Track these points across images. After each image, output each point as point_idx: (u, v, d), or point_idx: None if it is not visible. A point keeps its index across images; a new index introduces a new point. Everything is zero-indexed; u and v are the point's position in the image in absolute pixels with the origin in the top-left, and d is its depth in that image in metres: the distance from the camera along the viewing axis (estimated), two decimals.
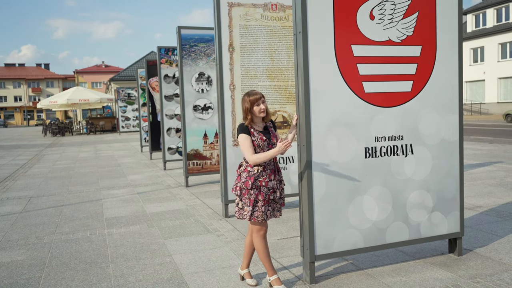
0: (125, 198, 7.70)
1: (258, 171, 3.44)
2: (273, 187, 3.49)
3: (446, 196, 4.13)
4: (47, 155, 16.64)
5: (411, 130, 3.95)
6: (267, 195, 3.46)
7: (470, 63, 37.10)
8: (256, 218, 3.44)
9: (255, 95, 3.44)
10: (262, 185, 3.43)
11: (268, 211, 3.48)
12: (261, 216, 3.44)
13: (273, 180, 3.49)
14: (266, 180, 3.45)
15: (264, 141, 3.46)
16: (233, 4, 5.91)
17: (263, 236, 3.54)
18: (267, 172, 3.47)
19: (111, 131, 33.50)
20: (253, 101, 3.43)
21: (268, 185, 3.45)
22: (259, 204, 3.43)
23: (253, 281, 3.69)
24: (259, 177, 3.43)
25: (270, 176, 3.48)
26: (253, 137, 3.45)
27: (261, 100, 3.45)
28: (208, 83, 8.62)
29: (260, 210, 3.43)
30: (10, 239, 5.37)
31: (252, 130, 3.47)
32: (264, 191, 3.44)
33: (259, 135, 3.46)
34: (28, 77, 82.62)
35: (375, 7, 3.72)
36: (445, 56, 4.05)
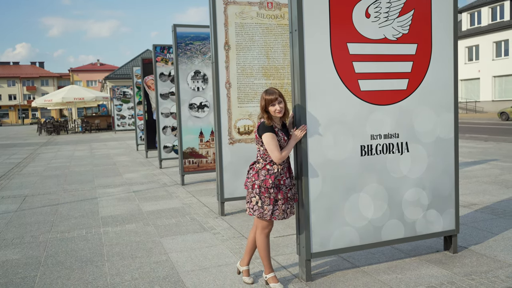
0: (120, 196, 7.68)
1: (278, 169, 3.43)
2: (290, 184, 3.52)
3: (442, 194, 4.15)
4: (42, 153, 16.57)
5: (406, 128, 3.96)
6: (285, 193, 3.47)
7: (465, 61, 37.24)
8: (277, 217, 3.45)
9: (271, 95, 3.38)
10: (281, 183, 3.44)
11: (287, 209, 3.51)
12: (281, 215, 3.46)
13: (288, 177, 3.52)
14: (284, 178, 3.47)
15: (286, 141, 3.47)
16: (229, 2, 5.90)
17: (267, 234, 3.56)
18: (284, 170, 3.48)
19: (106, 130, 33.41)
20: (269, 101, 3.38)
21: (286, 183, 3.48)
22: (279, 203, 3.44)
23: (250, 279, 3.71)
24: (278, 175, 3.43)
25: (286, 174, 3.51)
26: (277, 137, 3.42)
27: (277, 100, 3.38)
28: (204, 81, 8.60)
29: (281, 209, 3.45)
30: (5, 238, 5.35)
31: (276, 130, 3.43)
32: (283, 189, 3.46)
33: (282, 135, 3.45)
34: (23, 76, 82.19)
35: (370, 5, 3.72)
36: (440, 54, 4.06)
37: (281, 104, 3.40)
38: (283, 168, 3.47)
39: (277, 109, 3.38)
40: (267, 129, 3.38)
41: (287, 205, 3.49)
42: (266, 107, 3.40)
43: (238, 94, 5.98)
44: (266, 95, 3.40)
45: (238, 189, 6.02)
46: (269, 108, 3.39)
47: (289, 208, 3.53)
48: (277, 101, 3.38)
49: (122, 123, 27.80)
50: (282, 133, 3.47)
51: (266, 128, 3.39)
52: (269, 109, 3.39)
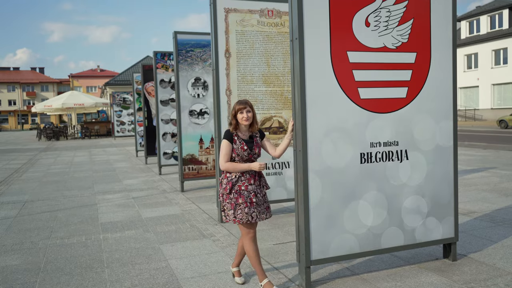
0: (120, 202, 7.69)
1: (236, 176, 3.58)
2: (254, 190, 3.59)
3: (441, 201, 4.17)
4: (42, 159, 16.57)
5: (406, 136, 3.98)
6: (248, 197, 3.55)
7: (464, 69, 37.38)
8: (240, 220, 3.55)
9: (241, 104, 3.60)
10: (241, 189, 3.56)
11: (253, 213, 3.57)
12: (245, 218, 3.54)
13: (253, 184, 3.60)
14: (245, 184, 3.57)
15: (245, 150, 3.59)
16: (230, 10, 5.95)
17: (252, 239, 3.63)
18: (246, 176, 3.59)
19: (106, 136, 33.42)
20: (238, 109, 3.59)
21: (248, 189, 3.57)
22: (242, 207, 3.54)
23: (241, 280, 3.83)
24: (238, 181, 3.57)
25: (250, 181, 3.59)
26: (234, 145, 3.58)
27: (245, 109, 3.58)
28: (204, 88, 8.64)
29: (244, 212, 3.54)
30: (5, 244, 5.35)
31: (235, 138, 3.60)
32: (244, 194, 3.55)
33: (241, 143, 3.59)
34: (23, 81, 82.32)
35: (370, 14, 3.76)
36: (440, 62, 4.10)
37: (249, 114, 3.60)
38: (244, 175, 3.58)
39: (244, 117, 3.58)
40: (225, 136, 3.61)
41: (252, 209, 3.56)
42: (236, 114, 3.60)
43: None
44: (237, 104, 3.62)
45: None
46: (238, 115, 3.59)
47: (256, 212, 3.58)
48: (245, 110, 3.59)
49: (122, 129, 27.82)
50: (244, 142, 3.60)
51: (225, 135, 3.62)
52: (238, 116, 3.59)
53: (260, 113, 6.11)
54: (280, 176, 6.22)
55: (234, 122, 3.62)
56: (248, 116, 3.59)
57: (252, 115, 3.62)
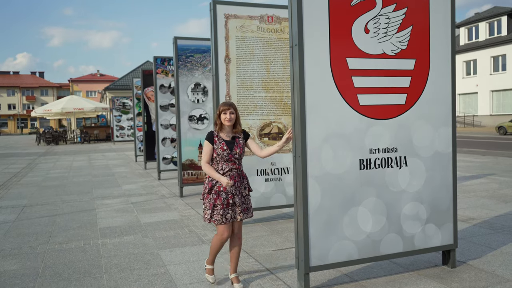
0: (119, 208, 7.67)
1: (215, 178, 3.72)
2: (232, 192, 3.73)
3: (440, 208, 4.17)
4: (41, 163, 16.55)
5: (405, 142, 3.99)
6: (225, 199, 3.70)
7: (463, 76, 37.48)
8: (216, 220, 3.70)
9: (225, 105, 3.78)
10: (220, 190, 3.71)
11: (227, 214, 3.71)
12: (220, 219, 3.69)
13: (233, 185, 3.73)
14: (224, 186, 3.67)
15: (224, 150, 3.74)
16: (230, 16, 5.97)
17: (223, 241, 3.80)
18: (227, 177, 3.70)
19: (105, 140, 33.40)
20: (222, 109, 3.77)
21: (227, 190, 3.71)
22: (218, 208, 3.70)
23: (240, 285, 3.84)
24: (218, 182, 3.72)
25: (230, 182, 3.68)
26: (215, 145, 3.75)
27: (229, 110, 3.75)
28: (204, 94, 8.65)
29: (219, 214, 3.69)
30: (3, 249, 5.33)
31: (216, 138, 3.77)
32: (222, 195, 3.70)
33: (221, 144, 3.75)
34: (23, 85, 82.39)
35: (370, 21, 3.78)
36: (439, 69, 4.11)
37: (232, 115, 3.77)
38: (225, 175, 3.73)
39: (227, 118, 3.74)
40: (206, 137, 3.81)
41: (227, 211, 3.70)
42: (220, 115, 3.78)
43: (238, 106, 6.00)
44: (222, 105, 3.81)
45: None
46: (221, 116, 3.77)
47: (231, 214, 3.72)
48: (229, 111, 3.76)
49: (121, 134, 27.82)
50: (224, 142, 3.76)
51: (207, 136, 3.82)
52: (221, 117, 3.77)
53: (259, 118, 6.12)
54: (279, 182, 6.22)
55: (219, 122, 3.79)
56: (231, 117, 3.75)
57: (235, 117, 3.78)
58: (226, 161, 3.75)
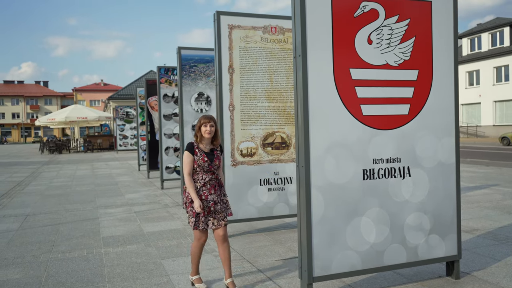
0: (122, 217, 7.68)
1: (198, 187, 3.92)
2: (214, 200, 3.93)
3: (443, 218, 4.16)
4: (44, 172, 16.60)
5: (408, 153, 3.99)
6: (207, 207, 3.90)
7: (466, 86, 37.50)
8: (198, 227, 3.91)
9: (206, 119, 3.95)
10: (202, 198, 3.89)
11: (209, 221, 3.93)
12: (202, 226, 3.91)
13: (213, 194, 3.94)
14: (206, 194, 3.91)
15: (205, 161, 3.92)
16: (234, 27, 6.02)
17: (202, 245, 4.03)
18: (207, 187, 3.93)
19: (108, 149, 33.48)
20: (202, 122, 3.94)
21: (208, 198, 3.90)
22: (200, 215, 3.89)
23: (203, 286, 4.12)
24: (199, 191, 3.91)
25: (210, 191, 3.93)
26: (196, 156, 3.92)
27: (209, 123, 3.92)
28: (207, 103, 8.69)
29: (201, 221, 3.90)
30: (6, 258, 5.34)
31: (196, 150, 3.94)
32: (204, 203, 3.88)
33: (202, 155, 3.92)
34: (27, 94, 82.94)
35: (372, 32, 3.81)
36: (442, 79, 4.13)
37: (212, 128, 3.93)
38: (205, 185, 3.92)
39: (207, 130, 3.91)
40: (187, 148, 3.96)
41: (208, 217, 3.92)
42: (200, 127, 3.93)
43: (242, 116, 6.04)
44: (203, 118, 3.97)
45: (240, 211, 6.02)
46: (201, 129, 3.92)
47: (211, 220, 3.93)
48: (209, 124, 3.93)
49: (124, 143, 27.88)
50: (204, 154, 3.94)
51: (187, 147, 3.96)
52: (201, 130, 3.93)
53: (262, 128, 6.14)
54: (282, 191, 6.22)
55: (200, 134, 3.95)
56: (211, 130, 3.92)
57: (214, 130, 3.96)
58: (206, 171, 3.94)
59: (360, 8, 3.74)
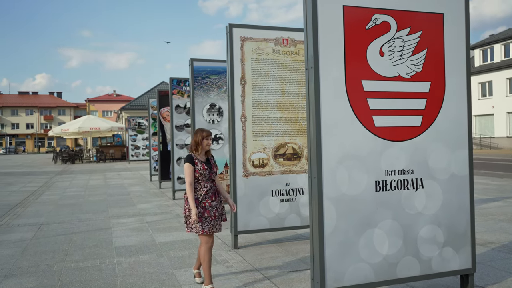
0: (134, 227, 7.72)
1: (201, 195, 4.27)
2: (216, 206, 4.33)
3: (457, 231, 4.12)
4: (57, 182, 16.78)
5: (421, 165, 3.98)
6: (212, 212, 4.27)
7: (478, 97, 37.20)
8: (208, 231, 4.22)
9: (207, 132, 4.37)
10: (206, 205, 4.26)
11: (217, 225, 4.31)
12: (211, 229, 4.25)
13: (214, 201, 4.34)
14: (209, 202, 4.29)
15: (206, 169, 4.30)
16: (246, 39, 6.09)
17: (210, 248, 4.29)
18: (209, 195, 4.31)
19: (120, 160, 33.73)
20: (205, 135, 4.32)
21: (211, 205, 4.29)
22: (208, 220, 4.23)
23: (200, 280, 4.57)
24: (203, 199, 4.27)
25: (212, 198, 4.32)
26: (196, 166, 4.27)
27: (210, 137, 4.36)
28: (219, 114, 8.75)
29: (210, 224, 4.24)
30: (21, 266, 5.40)
31: (196, 160, 4.30)
32: (209, 209, 4.26)
33: (201, 165, 4.30)
34: (41, 105, 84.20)
35: (384, 44, 3.83)
36: (454, 91, 4.13)
37: (210, 141, 4.38)
38: (207, 193, 4.29)
39: (208, 143, 4.35)
40: (187, 160, 4.28)
41: (216, 221, 4.30)
42: (202, 141, 4.31)
43: (253, 127, 6.08)
44: (204, 132, 4.35)
45: (251, 222, 6.03)
46: (203, 142, 4.31)
47: (218, 224, 4.34)
48: (210, 137, 4.36)
49: (136, 153, 28.07)
50: (203, 163, 4.32)
51: (187, 159, 4.29)
52: (203, 142, 4.31)
53: (274, 139, 6.16)
54: (294, 202, 6.22)
55: (200, 147, 4.32)
56: (210, 143, 4.38)
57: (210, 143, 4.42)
58: (207, 180, 4.32)
59: (372, 21, 3.77)
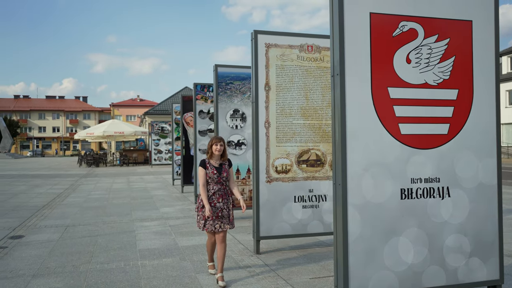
0: (157, 230, 7.82)
1: (209, 195, 4.76)
2: (221, 207, 4.76)
3: (485, 241, 4.04)
4: (82, 185, 17.11)
5: (447, 173, 3.93)
6: (215, 213, 4.72)
7: (506, 105, 36.36)
8: (208, 229, 4.75)
9: (217, 139, 4.82)
10: (211, 205, 4.71)
11: (216, 224, 4.73)
12: (210, 228, 4.73)
13: (220, 202, 4.77)
14: (215, 202, 4.75)
15: (215, 174, 4.76)
16: (271, 45, 6.13)
17: (213, 243, 4.91)
18: (216, 196, 4.77)
19: (143, 163, 34.18)
20: (213, 142, 4.80)
21: (216, 205, 4.74)
22: (209, 219, 4.72)
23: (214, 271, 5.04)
24: (210, 199, 4.75)
25: (219, 199, 4.77)
26: (207, 170, 4.78)
27: (219, 143, 4.78)
28: (242, 120, 8.81)
29: (209, 224, 4.73)
30: (48, 266, 5.53)
31: (208, 164, 4.80)
32: (213, 209, 4.70)
33: (212, 169, 4.78)
34: (67, 109, 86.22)
35: (411, 51, 3.81)
36: (482, 99, 4.07)
37: (221, 147, 4.79)
38: (215, 194, 4.75)
39: (217, 148, 4.78)
40: (200, 164, 4.84)
41: (216, 222, 4.73)
42: (212, 147, 4.79)
43: (277, 133, 6.10)
44: (214, 138, 4.83)
45: (274, 228, 6.04)
46: (213, 147, 4.78)
47: (219, 224, 4.74)
48: (219, 143, 4.78)
49: (159, 157, 28.44)
50: (214, 168, 4.79)
51: (200, 163, 4.84)
52: (212, 148, 4.78)
53: (297, 145, 6.17)
54: (316, 209, 6.20)
55: (211, 152, 4.80)
56: (220, 148, 4.78)
57: (223, 148, 4.81)
58: (216, 182, 4.76)
59: (399, 28, 3.76)
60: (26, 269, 5.43)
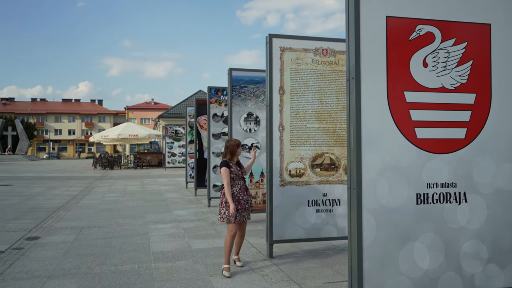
0: (171, 232, 7.85)
1: (236, 190, 5.29)
2: (247, 199, 5.34)
3: (503, 247, 3.97)
4: (97, 187, 17.28)
5: (464, 178, 3.87)
6: (244, 205, 5.28)
7: None
8: (239, 220, 5.24)
9: (239, 142, 5.50)
10: (240, 198, 5.27)
11: (246, 214, 5.33)
12: (242, 219, 5.27)
13: (246, 195, 5.36)
14: (242, 196, 5.30)
15: (239, 170, 5.38)
16: (285, 49, 6.13)
17: (233, 236, 5.27)
18: (242, 190, 5.33)
19: (157, 166, 34.41)
20: (239, 144, 5.45)
21: (243, 198, 5.30)
22: (240, 211, 5.25)
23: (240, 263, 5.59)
24: (238, 193, 5.29)
25: (244, 192, 5.35)
26: (231, 169, 5.31)
27: (242, 146, 5.59)
28: (256, 123, 8.81)
29: (241, 215, 5.25)
30: (64, 268, 5.59)
31: (231, 164, 5.35)
32: (242, 202, 5.27)
33: (235, 167, 5.37)
34: (82, 112, 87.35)
35: (428, 55, 3.77)
36: (501, 103, 4.00)
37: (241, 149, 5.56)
38: (241, 189, 5.32)
39: (240, 150, 5.50)
40: (225, 164, 5.32)
41: (244, 213, 5.29)
42: (237, 149, 5.40)
43: (291, 137, 6.09)
44: (238, 142, 5.47)
45: (287, 231, 6.01)
46: (238, 149, 5.42)
47: (247, 214, 5.36)
48: (241, 146, 5.70)
49: (173, 160, 28.60)
50: (236, 166, 5.38)
51: (224, 164, 5.32)
52: (237, 150, 5.42)
53: (312, 149, 6.15)
54: (330, 213, 6.16)
55: (234, 152, 5.39)
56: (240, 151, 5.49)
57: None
58: (240, 178, 5.36)
59: (415, 31, 3.73)
60: (42, 270, 5.50)
